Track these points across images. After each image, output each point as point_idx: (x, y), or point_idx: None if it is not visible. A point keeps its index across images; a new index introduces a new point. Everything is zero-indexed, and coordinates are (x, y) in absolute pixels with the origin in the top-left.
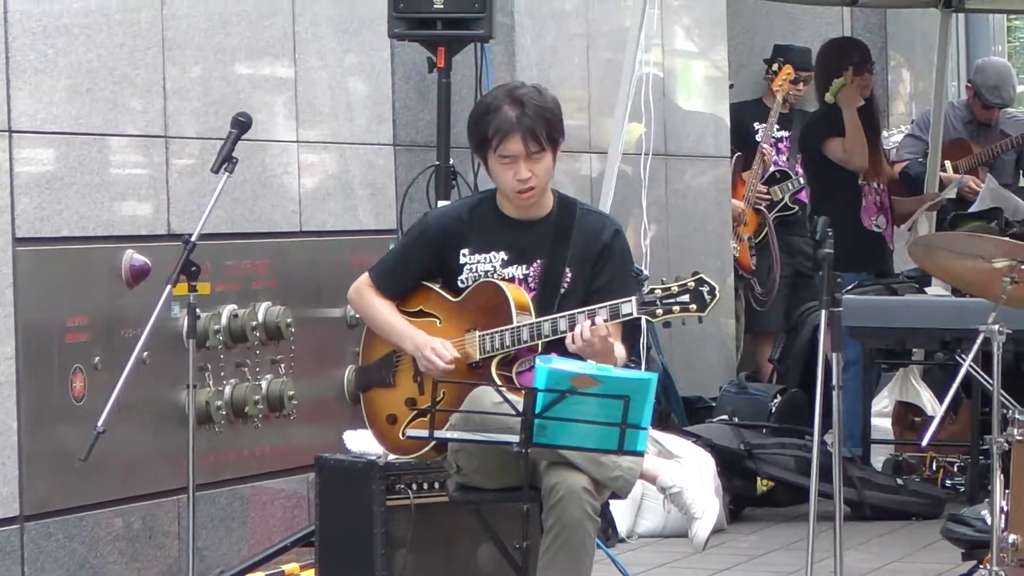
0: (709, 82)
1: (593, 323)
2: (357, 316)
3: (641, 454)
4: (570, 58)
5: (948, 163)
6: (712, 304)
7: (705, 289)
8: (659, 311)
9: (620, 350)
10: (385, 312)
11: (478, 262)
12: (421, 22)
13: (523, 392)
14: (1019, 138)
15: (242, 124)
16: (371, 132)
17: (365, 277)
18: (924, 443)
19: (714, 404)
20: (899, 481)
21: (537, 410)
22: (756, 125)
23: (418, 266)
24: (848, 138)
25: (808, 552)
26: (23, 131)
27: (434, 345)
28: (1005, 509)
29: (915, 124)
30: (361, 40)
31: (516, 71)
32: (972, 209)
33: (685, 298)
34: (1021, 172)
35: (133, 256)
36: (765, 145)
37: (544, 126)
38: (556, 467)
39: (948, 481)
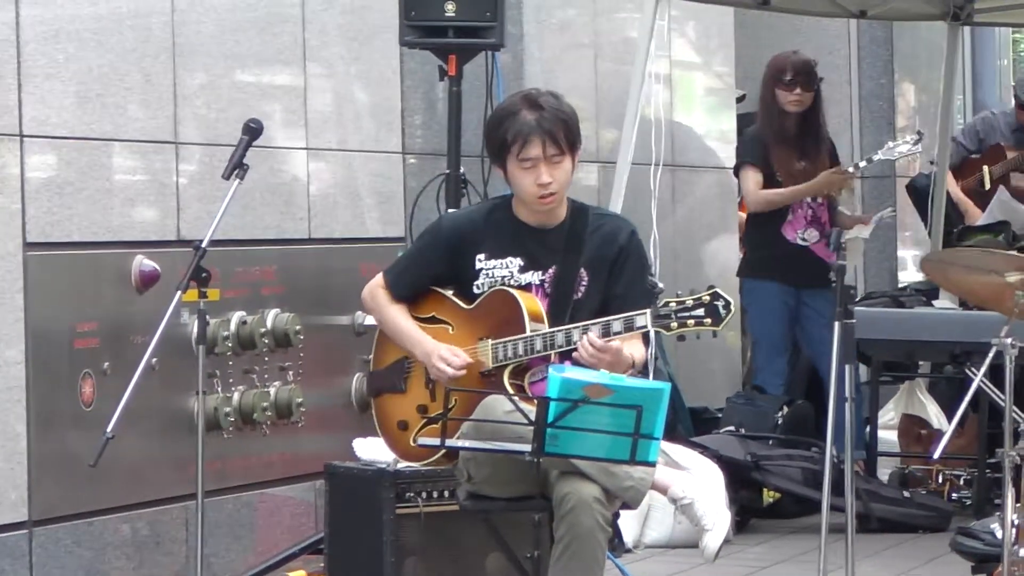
0: (715, 93)
1: (606, 340)
2: (365, 324)
3: (653, 464)
4: (576, 68)
5: (986, 168)
6: (727, 319)
7: (720, 303)
8: (674, 324)
9: (640, 350)
10: (397, 316)
11: (495, 267)
12: (432, 30)
13: (535, 401)
14: None
15: (253, 131)
16: (380, 140)
17: (379, 278)
18: (936, 456)
19: (720, 415)
20: (905, 494)
21: (549, 419)
22: None
23: (431, 269)
24: (782, 195)
25: (820, 563)
26: (33, 136)
27: (442, 352)
28: (1016, 523)
29: (961, 131)
30: (370, 48)
31: (524, 80)
32: (980, 222)
33: (700, 312)
34: None
35: (143, 262)
36: None
37: (563, 129)
38: (568, 477)
39: (954, 494)
